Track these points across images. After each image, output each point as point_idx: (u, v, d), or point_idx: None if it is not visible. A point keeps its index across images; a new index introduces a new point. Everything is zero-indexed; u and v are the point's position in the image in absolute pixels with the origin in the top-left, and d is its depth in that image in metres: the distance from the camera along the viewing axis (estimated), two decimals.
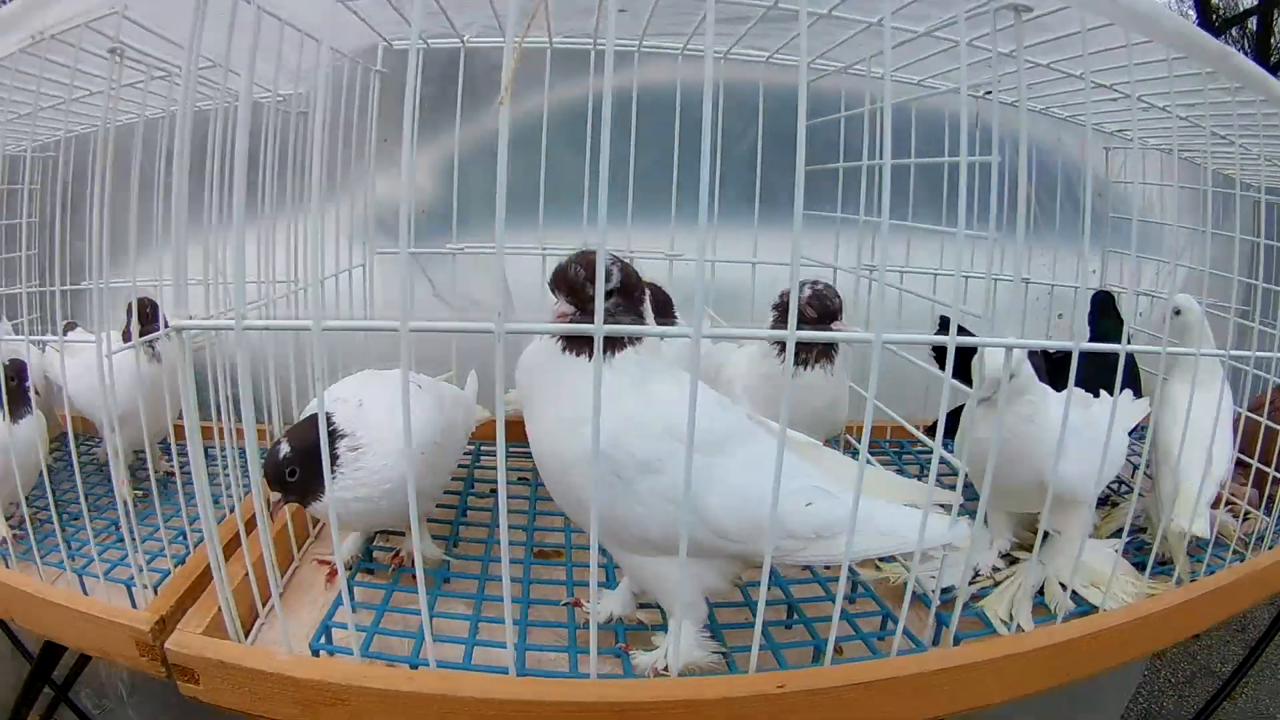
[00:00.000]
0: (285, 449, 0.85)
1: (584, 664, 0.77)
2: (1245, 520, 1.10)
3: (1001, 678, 0.80)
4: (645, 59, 1.25)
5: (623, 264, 0.75)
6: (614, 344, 0.73)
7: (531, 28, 0.82)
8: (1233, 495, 1.11)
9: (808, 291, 0.99)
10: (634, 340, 0.74)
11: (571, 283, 0.73)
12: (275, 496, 0.86)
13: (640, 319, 0.76)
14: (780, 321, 1.03)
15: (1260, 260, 1.24)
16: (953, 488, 0.77)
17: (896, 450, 1.39)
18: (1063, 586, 0.92)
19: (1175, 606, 0.92)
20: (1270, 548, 1.08)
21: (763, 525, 0.69)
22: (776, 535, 0.70)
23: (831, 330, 0.98)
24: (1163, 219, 1.24)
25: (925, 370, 0.90)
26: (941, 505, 0.77)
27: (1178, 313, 1.08)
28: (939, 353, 0.82)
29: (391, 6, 0.92)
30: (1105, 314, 1.27)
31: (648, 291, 0.97)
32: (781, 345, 1.02)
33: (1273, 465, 1.08)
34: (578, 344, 0.73)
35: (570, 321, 0.73)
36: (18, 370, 1.06)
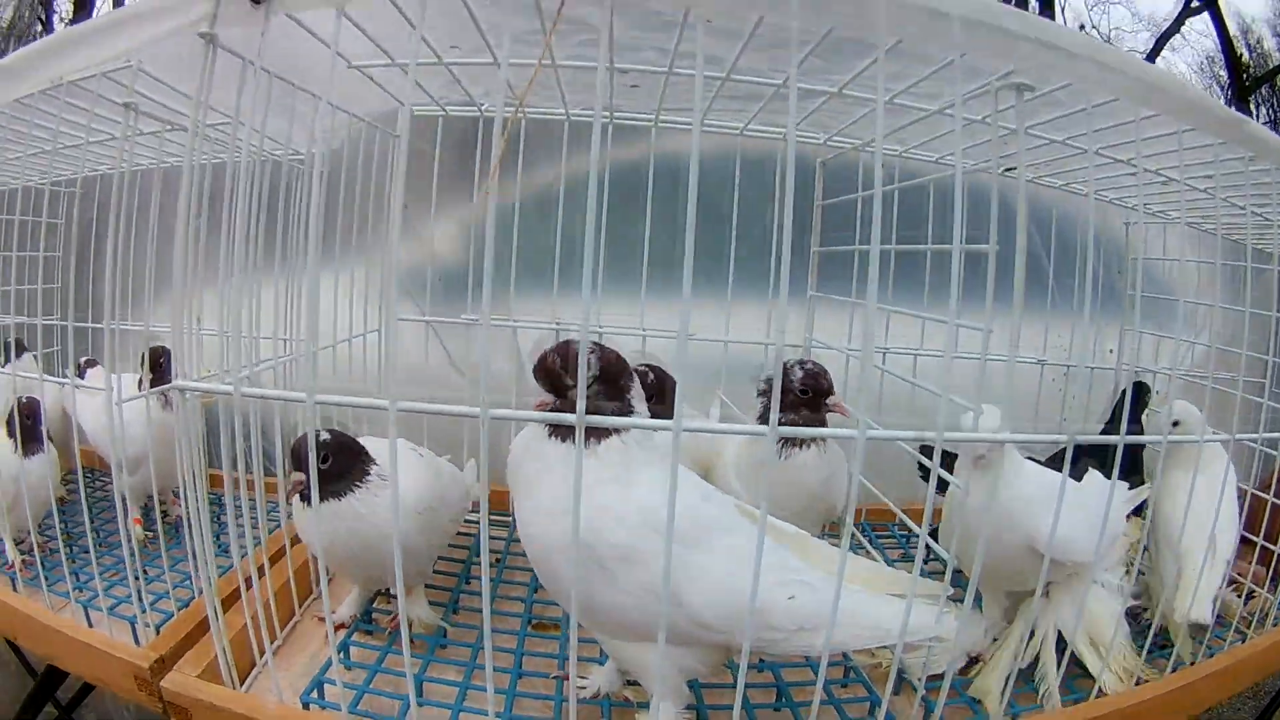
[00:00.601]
0: (326, 436, 0.88)
1: None
2: (1250, 599, 1.08)
3: None
4: (664, 133, 1.25)
5: (603, 351, 0.76)
6: (598, 433, 0.74)
7: (542, 99, 0.84)
8: (1237, 574, 1.08)
9: (799, 372, 0.99)
10: (619, 429, 0.74)
11: (550, 372, 0.75)
12: (298, 477, 0.87)
13: (626, 406, 0.76)
14: (768, 402, 1.03)
15: (1272, 335, 1.22)
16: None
17: (905, 534, 1.38)
18: (1058, 656, 0.92)
19: (1171, 691, 0.91)
20: (1276, 624, 1.06)
21: (744, 617, 0.69)
22: (757, 628, 0.70)
23: (825, 406, 0.99)
24: (1182, 295, 1.21)
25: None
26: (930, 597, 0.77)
27: (1176, 424, 1.05)
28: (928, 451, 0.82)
29: (405, 72, 0.93)
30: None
31: (648, 376, 0.97)
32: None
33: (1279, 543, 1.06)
34: (561, 431, 0.74)
35: (550, 410, 0.74)
36: (31, 410, 1.10)
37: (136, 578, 0.91)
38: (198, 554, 0.80)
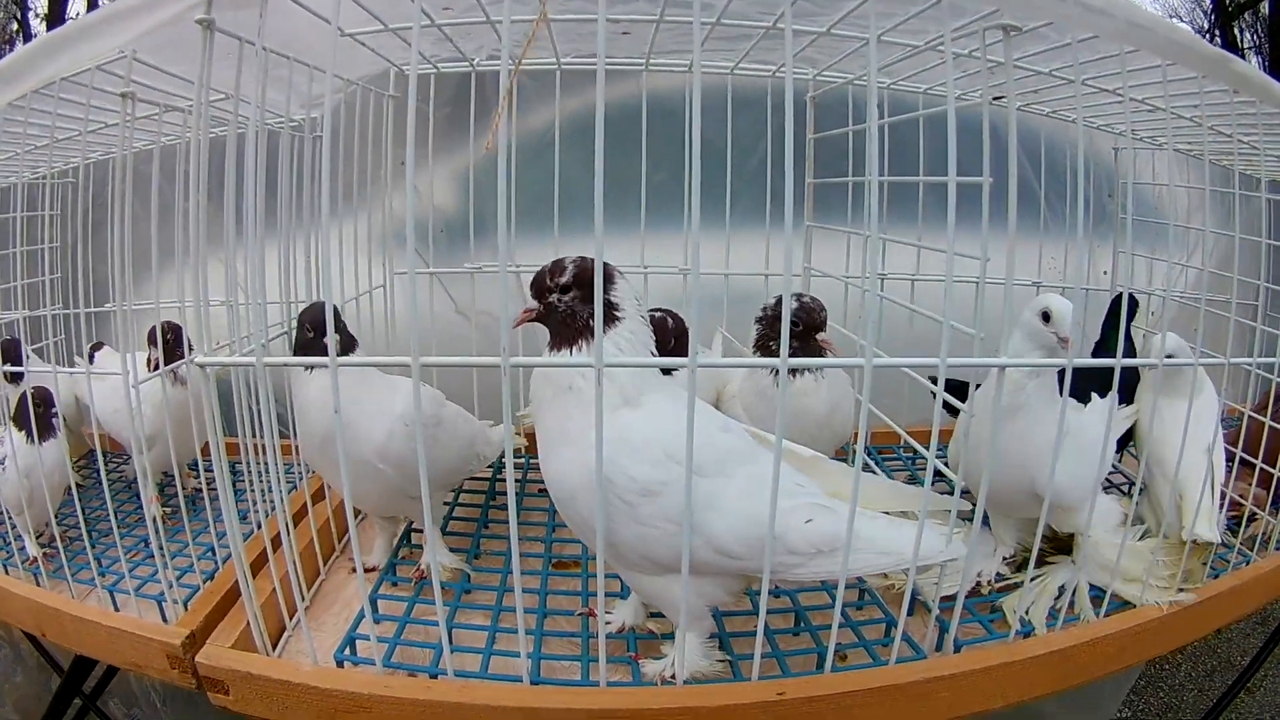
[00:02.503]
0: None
1: (595, 672, 0.80)
2: (1252, 521, 1.09)
3: (998, 685, 0.82)
4: (656, 73, 1.27)
5: (582, 261, 0.77)
6: (578, 333, 0.75)
7: (533, 50, 0.85)
8: (1239, 496, 1.10)
9: (794, 304, 1.00)
10: (615, 319, 0.76)
11: (536, 279, 0.78)
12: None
13: (613, 305, 0.77)
14: (766, 330, 1.06)
15: (1263, 259, 1.23)
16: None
17: (910, 455, 1.40)
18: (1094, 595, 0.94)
19: (1172, 615, 0.92)
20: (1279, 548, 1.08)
21: (765, 543, 0.71)
22: (777, 552, 0.72)
23: (816, 340, 1.01)
24: (1172, 218, 1.22)
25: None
26: (940, 515, 0.79)
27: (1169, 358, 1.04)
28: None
29: (399, 37, 0.94)
30: (1116, 316, 1.26)
31: (666, 322, 0.98)
32: (767, 351, 1.05)
33: (1278, 465, 1.07)
34: (556, 341, 0.77)
35: (532, 316, 0.77)
36: (44, 398, 1.09)
37: (163, 554, 0.91)
38: (225, 520, 0.80)
